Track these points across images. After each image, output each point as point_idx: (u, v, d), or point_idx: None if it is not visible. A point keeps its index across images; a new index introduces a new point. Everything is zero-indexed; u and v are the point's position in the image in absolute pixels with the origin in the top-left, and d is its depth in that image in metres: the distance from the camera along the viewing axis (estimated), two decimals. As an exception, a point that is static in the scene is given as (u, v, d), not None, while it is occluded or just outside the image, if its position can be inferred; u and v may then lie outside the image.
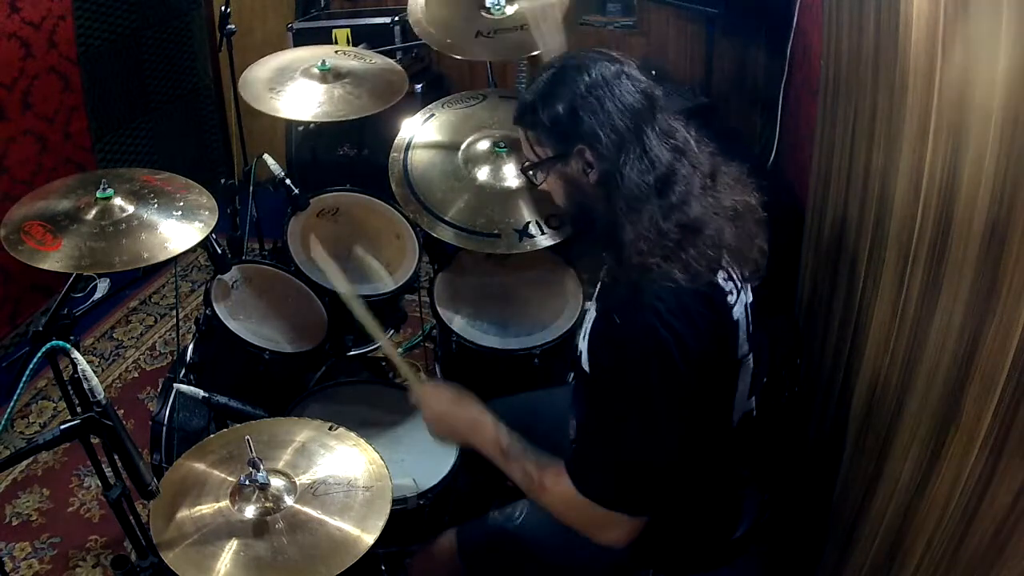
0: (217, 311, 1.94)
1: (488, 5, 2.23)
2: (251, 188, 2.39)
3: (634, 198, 1.34)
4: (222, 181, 2.42)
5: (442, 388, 1.63)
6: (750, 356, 1.47)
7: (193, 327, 2.12)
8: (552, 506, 1.42)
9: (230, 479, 1.41)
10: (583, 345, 1.47)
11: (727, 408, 1.46)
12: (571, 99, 1.36)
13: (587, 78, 1.37)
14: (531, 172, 1.48)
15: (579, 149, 1.37)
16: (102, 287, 3.17)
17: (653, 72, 3.11)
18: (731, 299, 1.38)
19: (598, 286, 1.52)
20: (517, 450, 1.46)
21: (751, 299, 1.47)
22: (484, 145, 2.05)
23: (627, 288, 1.32)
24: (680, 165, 1.37)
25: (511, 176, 1.99)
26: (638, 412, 1.31)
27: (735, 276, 1.41)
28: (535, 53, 2.09)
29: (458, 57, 2.25)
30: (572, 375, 2.16)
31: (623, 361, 1.32)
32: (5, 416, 1.77)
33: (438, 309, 2.07)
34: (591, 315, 1.48)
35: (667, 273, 1.30)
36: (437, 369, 2.23)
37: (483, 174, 2.01)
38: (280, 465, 1.45)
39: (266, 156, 2.17)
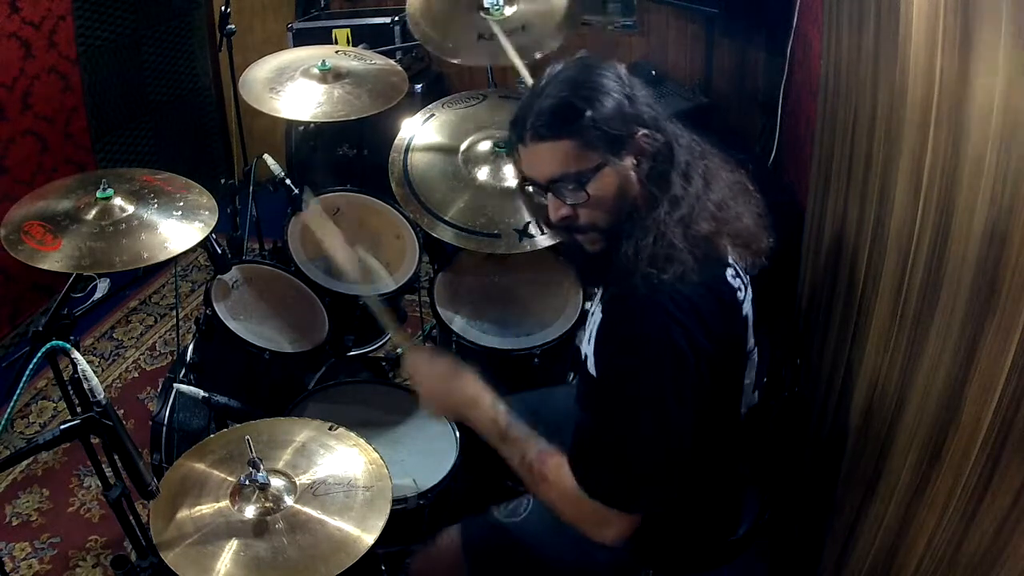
0: (217, 311, 1.94)
1: (487, 5, 2.23)
2: (251, 188, 2.39)
3: (679, 185, 1.33)
4: (222, 181, 2.42)
5: (439, 359, 1.51)
6: (756, 350, 1.46)
7: (193, 327, 2.12)
8: (548, 497, 1.37)
9: (230, 479, 1.41)
10: (588, 349, 1.44)
11: (736, 403, 1.46)
12: (614, 88, 1.30)
13: (607, 70, 1.34)
14: (583, 181, 1.30)
15: (643, 134, 1.32)
16: (102, 287, 3.16)
17: (653, 72, 3.16)
18: (740, 295, 1.38)
19: (603, 288, 1.50)
20: (516, 433, 1.39)
21: (752, 294, 1.47)
22: (484, 145, 2.05)
23: (637, 289, 1.30)
24: (694, 155, 1.39)
25: (511, 176, 1.98)
26: (650, 412, 1.30)
27: (741, 272, 1.41)
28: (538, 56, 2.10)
29: (455, 61, 2.25)
30: (572, 375, 2.16)
31: (635, 361, 1.31)
32: (5, 416, 1.77)
33: (438, 309, 2.07)
34: (596, 317, 1.45)
35: (678, 271, 1.29)
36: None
37: (483, 174, 2.01)
38: (280, 465, 1.45)
39: (266, 156, 2.17)
